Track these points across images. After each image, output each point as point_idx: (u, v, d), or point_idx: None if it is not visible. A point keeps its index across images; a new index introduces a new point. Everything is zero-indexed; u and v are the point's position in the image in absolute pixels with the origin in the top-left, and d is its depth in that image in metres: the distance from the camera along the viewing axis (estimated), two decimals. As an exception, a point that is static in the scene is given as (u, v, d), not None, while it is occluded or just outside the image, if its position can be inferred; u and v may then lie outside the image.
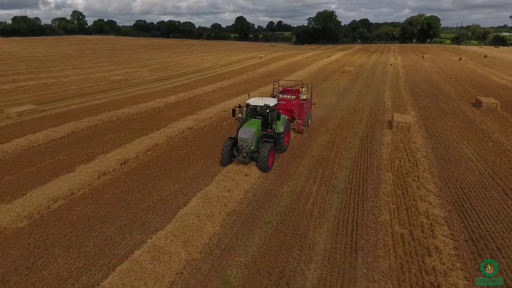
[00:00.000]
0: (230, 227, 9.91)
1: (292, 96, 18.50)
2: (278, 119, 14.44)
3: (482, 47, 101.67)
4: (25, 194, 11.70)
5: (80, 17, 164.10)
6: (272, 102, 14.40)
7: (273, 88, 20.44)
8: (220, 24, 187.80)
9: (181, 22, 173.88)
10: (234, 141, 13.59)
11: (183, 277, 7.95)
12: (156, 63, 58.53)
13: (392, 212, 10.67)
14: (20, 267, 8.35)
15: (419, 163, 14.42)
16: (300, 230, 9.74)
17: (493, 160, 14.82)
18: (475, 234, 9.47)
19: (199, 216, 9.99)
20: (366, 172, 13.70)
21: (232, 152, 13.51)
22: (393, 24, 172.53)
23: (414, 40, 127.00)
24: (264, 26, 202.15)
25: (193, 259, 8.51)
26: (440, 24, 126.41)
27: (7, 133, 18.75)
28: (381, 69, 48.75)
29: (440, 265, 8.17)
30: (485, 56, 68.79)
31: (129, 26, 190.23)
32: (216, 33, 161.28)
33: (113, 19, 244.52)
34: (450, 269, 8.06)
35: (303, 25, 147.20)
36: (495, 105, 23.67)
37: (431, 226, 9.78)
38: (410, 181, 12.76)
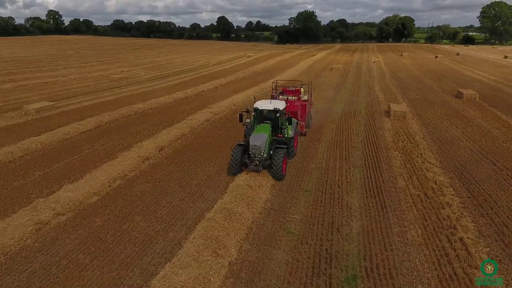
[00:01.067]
0: (277, 195, 11.75)
1: (294, 97, 17.88)
2: (290, 123, 13.99)
3: (453, 46, 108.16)
4: (83, 177, 13.01)
5: (57, 16, 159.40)
6: (281, 105, 13.66)
7: (272, 89, 19.71)
8: (199, 24, 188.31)
9: (161, 22, 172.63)
10: (244, 148, 12.72)
11: (253, 230, 9.72)
12: (147, 62, 59.05)
13: (406, 180, 12.86)
14: (111, 230, 9.84)
15: (419, 143, 16.77)
16: (336, 195, 11.71)
17: (479, 139, 17.41)
18: (474, 193, 11.78)
19: (251, 186, 11.77)
20: (377, 151, 15.89)
21: (243, 160, 12.63)
22: (368, 24, 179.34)
23: (390, 40, 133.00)
24: (243, 26, 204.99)
25: (256, 217, 10.30)
26: (414, 24, 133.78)
27: (36, 127, 19.68)
28: (366, 67, 51.80)
29: (452, 214, 10.36)
30: (458, 54, 73.80)
31: (107, 26, 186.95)
32: (197, 33, 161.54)
33: (88, 19, 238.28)
34: (460, 216, 10.26)
35: (284, 25, 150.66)
36: (474, 96, 26.71)
37: (440, 188, 12.01)
38: (415, 157, 15.04)
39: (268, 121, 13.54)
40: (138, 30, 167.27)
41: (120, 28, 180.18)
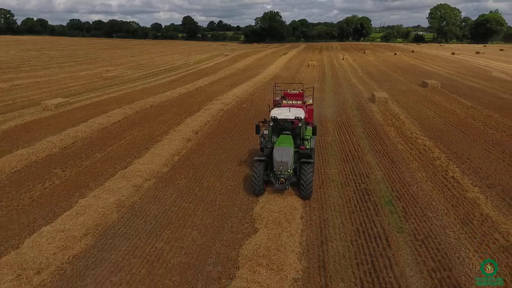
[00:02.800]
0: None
1: (298, 102, 16.83)
2: (315, 133, 12.82)
3: (406, 44, 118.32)
4: (144, 155, 15.29)
5: (8, 15, 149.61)
6: (302, 113, 12.33)
7: (274, 93, 18.77)
8: (160, 24, 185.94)
9: (123, 21, 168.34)
10: (265, 164, 11.40)
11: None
12: (126, 62, 59.39)
13: (403, 145, 16.69)
14: (196, 187, 12.49)
15: (404, 121, 20.86)
16: (356, 156, 15.21)
17: (447, 116, 21.90)
18: (454, 150, 15.84)
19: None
20: (374, 127, 19.71)
21: (266, 178, 11.31)
22: (326, 24, 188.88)
23: (350, 39, 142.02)
24: (204, 26, 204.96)
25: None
26: (371, 24, 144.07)
27: (67, 119, 21.22)
28: (338, 63, 56.73)
29: (442, 163, 14.21)
30: (413, 51, 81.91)
31: (62, 25, 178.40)
32: (162, 32, 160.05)
33: (42, 18, 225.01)
34: (448, 164, 14.13)
35: (250, 25, 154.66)
36: (437, 85, 31.88)
37: (429, 149, 15.95)
38: (404, 130, 19.03)
39: (287, 132, 12.11)
40: (100, 29, 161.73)
41: (77, 28, 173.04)
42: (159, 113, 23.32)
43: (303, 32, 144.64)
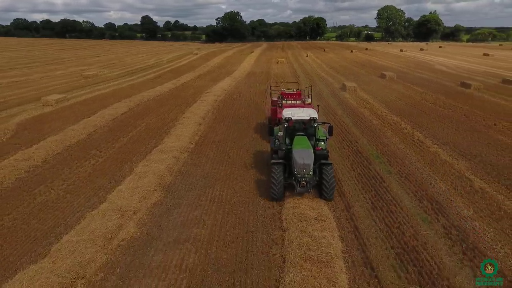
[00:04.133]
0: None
1: (298, 101, 17.07)
2: (331, 133, 12.35)
3: (359, 43, 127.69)
4: (168, 137, 17.61)
5: None
6: (315, 113, 12.35)
7: (270, 93, 19.26)
8: (114, 24, 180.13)
9: (76, 21, 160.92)
10: (284, 167, 11.18)
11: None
12: (95, 61, 58.90)
13: (377, 120, 20.68)
14: (225, 156, 15.26)
15: (374, 104, 25.07)
16: (344, 130, 18.83)
17: (406, 99, 26.50)
18: (417, 122, 20.07)
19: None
20: (350, 109, 23.63)
21: (287, 181, 11.09)
22: (282, 24, 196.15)
23: (307, 38, 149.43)
24: (160, 26, 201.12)
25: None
26: (326, 24, 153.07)
27: (75, 112, 22.65)
28: (303, 60, 61.23)
29: (409, 131, 18.32)
30: (366, 49, 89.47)
31: (7, 25, 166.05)
32: (120, 32, 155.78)
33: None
34: (413, 132, 18.24)
35: (211, 25, 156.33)
36: (393, 76, 37.09)
37: (397, 123, 20.04)
38: (376, 111, 23.12)
39: (301, 133, 11.98)
40: (50, 29, 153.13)
41: (24, 28, 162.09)
42: (159, 105, 25.36)
43: (263, 31, 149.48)
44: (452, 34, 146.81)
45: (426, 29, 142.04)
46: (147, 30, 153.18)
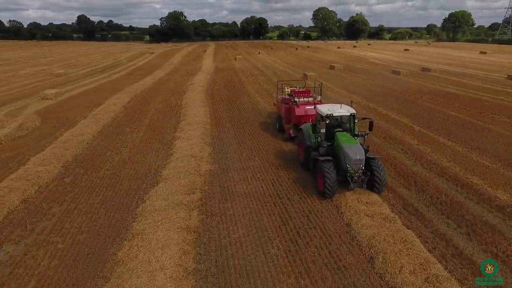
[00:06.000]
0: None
1: (309, 99, 17.43)
2: (371, 129, 12.15)
3: (299, 41, 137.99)
4: (188, 116, 21.45)
5: None
6: (352, 109, 12.36)
7: (278, 89, 19.92)
8: (40, 23, 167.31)
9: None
10: (334, 163, 11.07)
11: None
12: (50, 62, 57.45)
13: (340, 98, 26.77)
14: (238, 125, 19.77)
15: (332, 87, 31.32)
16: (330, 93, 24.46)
17: (357, 84, 33.33)
18: (370, 96, 26.57)
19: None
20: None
21: (339, 178, 10.97)
22: (222, 24, 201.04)
23: (251, 37, 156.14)
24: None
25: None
26: (268, 24, 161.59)
27: (81, 102, 24.99)
28: (258, 57, 66.74)
29: (364, 104, 24.61)
30: (308, 47, 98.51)
31: None
32: (54, 32, 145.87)
33: None
34: (368, 104, 24.60)
35: (154, 25, 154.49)
36: (341, 67, 44.42)
37: (355, 99, 26.32)
38: (336, 92, 29.32)
39: (339, 129, 12.03)
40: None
41: None
42: (154, 95, 28.57)
43: (208, 31, 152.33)
44: (377, 33, 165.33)
45: (355, 28, 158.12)
46: (85, 30, 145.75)
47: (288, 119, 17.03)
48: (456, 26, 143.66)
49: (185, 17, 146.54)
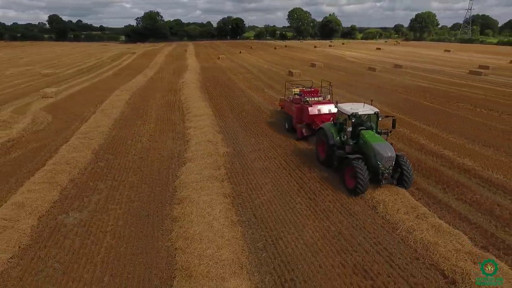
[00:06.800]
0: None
1: (320, 98, 17.96)
2: (394, 127, 12.68)
3: (276, 41, 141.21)
4: (192, 109, 23.19)
5: None
6: (375, 108, 12.78)
7: (286, 89, 20.54)
8: (4, 23, 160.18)
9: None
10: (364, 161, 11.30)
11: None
12: (29, 62, 56.58)
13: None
14: (239, 115, 21.81)
15: (318, 83, 33.97)
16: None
17: (337, 79, 36.09)
18: (353, 92, 29.38)
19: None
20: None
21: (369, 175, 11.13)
22: (196, 24, 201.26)
23: (228, 37, 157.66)
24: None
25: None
26: (244, 24, 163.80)
27: (85, 99, 26.00)
28: (240, 56, 68.70)
29: (349, 96, 27.37)
30: (286, 46, 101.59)
31: None
32: (22, 33, 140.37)
33: None
34: (352, 96, 27.36)
35: (130, 25, 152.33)
36: (321, 65, 47.38)
37: (339, 93, 29.05)
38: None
39: (363, 127, 12.35)
40: None
41: None
42: (152, 91, 29.96)
43: (185, 31, 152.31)
44: (349, 33, 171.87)
45: (329, 28, 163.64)
46: (57, 30, 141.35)
47: (300, 118, 17.23)
48: (423, 26, 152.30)
49: (161, 17, 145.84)
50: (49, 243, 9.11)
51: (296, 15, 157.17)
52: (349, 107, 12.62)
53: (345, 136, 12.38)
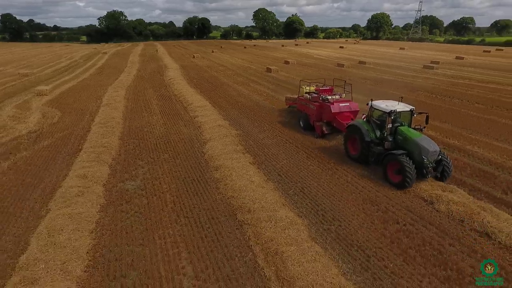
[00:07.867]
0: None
1: (337, 96, 18.22)
2: (427, 122, 13.15)
3: (243, 41, 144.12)
4: (194, 101, 25.33)
5: None
6: (410, 105, 13.07)
7: (300, 88, 21.15)
8: None
9: None
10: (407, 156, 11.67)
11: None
12: (2, 62, 54.71)
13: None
14: (235, 106, 24.44)
15: (294, 77, 37.31)
16: (286, 91, 30.11)
17: (312, 75, 39.79)
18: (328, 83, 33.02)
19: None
20: (283, 81, 35.19)
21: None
22: (159, 24, 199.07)
23: (194, 37, 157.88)
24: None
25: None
26: (210, 24, 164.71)
27: (84, 95, 27.07)
28: (213, 55, 70.68)
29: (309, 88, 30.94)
30: (255, 45, 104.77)
31: None
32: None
33: None
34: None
35: (92, 25, 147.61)
36: (294, 62, 51.03)
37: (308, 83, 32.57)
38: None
39: (398, 124, 12.80)
40: None
41: None
42: (144, 88, 31.55)
43: (151, 31, 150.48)
44: (312, 33, 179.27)
45: (293, 28, 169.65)
46: (12, 30, 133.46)
47: (319, 117, 17.36)
48: (378, 26, 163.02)
49: (125, 16, 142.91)
50: (121, 201, 11.26)
51: (261, 15, 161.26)
52: (384, 105, 13.03)
53: (385, 132, 12.75)
